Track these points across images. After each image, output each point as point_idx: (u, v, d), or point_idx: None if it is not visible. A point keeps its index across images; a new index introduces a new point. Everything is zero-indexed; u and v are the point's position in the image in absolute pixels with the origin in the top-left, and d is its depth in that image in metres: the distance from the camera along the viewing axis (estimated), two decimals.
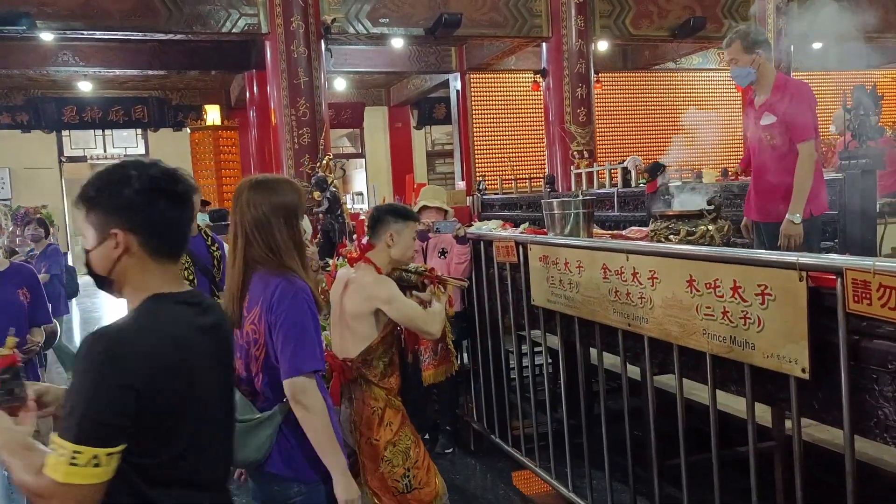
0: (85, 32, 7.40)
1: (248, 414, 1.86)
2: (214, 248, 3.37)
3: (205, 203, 4.65)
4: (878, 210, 4.23)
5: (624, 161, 6.61)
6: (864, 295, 1.73)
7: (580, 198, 3.17)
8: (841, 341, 1.83)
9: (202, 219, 4.24)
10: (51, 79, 12.38)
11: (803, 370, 1.94)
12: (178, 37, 7.84)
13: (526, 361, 3.89)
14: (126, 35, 7.63)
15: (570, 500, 3.39)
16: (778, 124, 3.40)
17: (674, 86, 11.49)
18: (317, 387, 1.86)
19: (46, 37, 7.65)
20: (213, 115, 10.21)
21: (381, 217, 2.66)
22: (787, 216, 3.31)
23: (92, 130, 14.20)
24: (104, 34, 7.56)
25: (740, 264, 2.13)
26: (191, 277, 3.18)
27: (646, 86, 11.37)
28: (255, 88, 9.81)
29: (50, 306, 3.96)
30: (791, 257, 1.92)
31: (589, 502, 3.23)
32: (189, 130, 10.61)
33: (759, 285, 2.05)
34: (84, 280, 12.43)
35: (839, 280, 1.80)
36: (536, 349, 4.53)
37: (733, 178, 5.35)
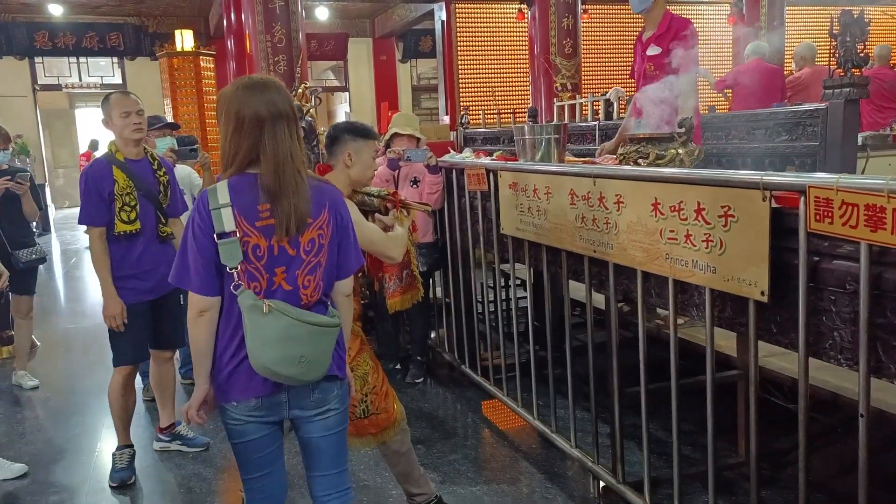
0: None
1: (322, 319, 1.78)
2: (161, 174, 3.18)
3: (174, 126, 4.42)
4: (861, 143, 4.15)
5: (607, 93, 6.45)
6: (825, 213, 1.66)
7: (552, 123, 3.06)
8: (801, 262, 1.78)
9: (170, 142, 4.06)
10: (21, 2, 11.90)
11: (762, 293, 1.89)
12: None
13: (495, 293, 3.85)
14: None
15: (535, 428, 3.40)
16: (662, 56, 3.59)
17: None
18: None
19: None
20: (186, 40, 9.78)
21: (337, 136, 2.53)
22: None
23: (66, 58, 13.71)
24: None
25: (704, 185, 2.06)
26: (133, 203, 3.03)
27: (635, 18, 11.03)
28: (231, 15, 9.44)
29: None
30: (755, 176, 1.85)
31: (553, 429, 3.25)
32: (166, 56, 10.17)
33: (722, 206, 1.98)
34: (63, 213, 12.17)
35: (802, 199, 1.73)
36: (516, 282, 4.50)
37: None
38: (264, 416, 1.85)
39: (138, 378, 3.43)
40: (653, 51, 3.65)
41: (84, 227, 3.09)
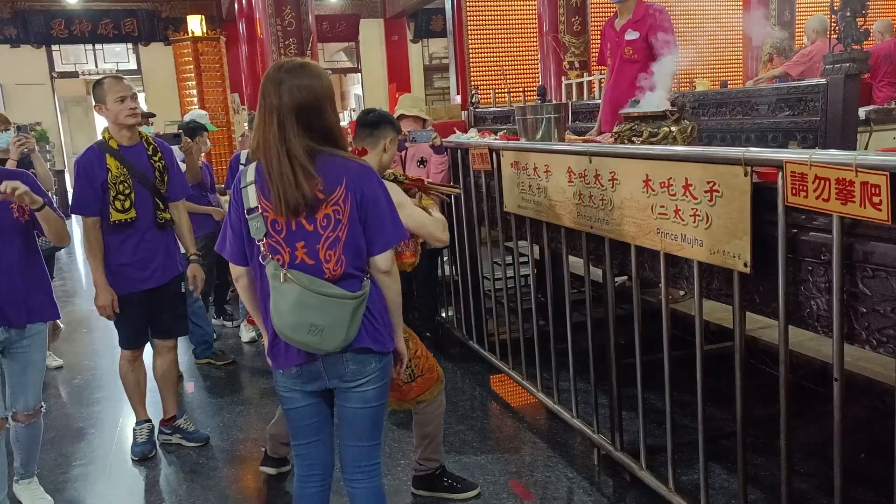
0: None
1: (335, 291, 1.84)
2: (157, 158, 3.12)
3: (149, 115, 4.39)
4: (864, 117, 4.16)
5: None
6: (801, 188, 1.73)
7: (552, 102, 3.12)
8: (780, 235, 1.85)
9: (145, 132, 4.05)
10: None
11: (745, 265, 1.97)
12: None
13: (500, 270, 3.95)
14: None
15: (539, 400, 3.51)
16: (640, 40, 3.82)
17: None
18: None
19: None
20: (194, 25, 9.81)
21: (382, 121, 2.61)
22: None
23: (82, 45, 13.89)
24: None
25: (691, 161, 2.13)
26: (127, 191, 2.99)
27: None
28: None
29: None
30: (737, 152, 1.92)
31: (555, 401, 3.35)
32: (190, 41, 10.23)
33: (708, 182, 2.06)
34: None
35: (780, 173, 1.80)
36: (522, 259, 4.59)
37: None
38: (306, 385, 1.98)
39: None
40: (631, 35, 3.84)
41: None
